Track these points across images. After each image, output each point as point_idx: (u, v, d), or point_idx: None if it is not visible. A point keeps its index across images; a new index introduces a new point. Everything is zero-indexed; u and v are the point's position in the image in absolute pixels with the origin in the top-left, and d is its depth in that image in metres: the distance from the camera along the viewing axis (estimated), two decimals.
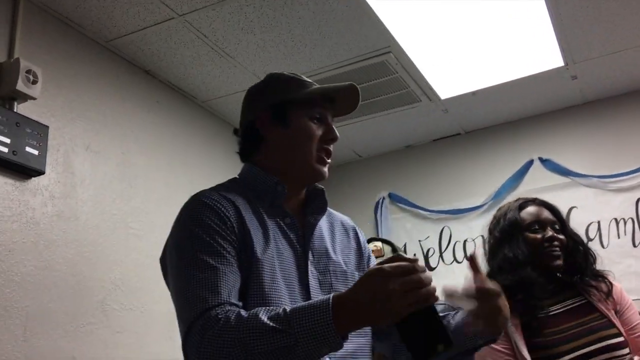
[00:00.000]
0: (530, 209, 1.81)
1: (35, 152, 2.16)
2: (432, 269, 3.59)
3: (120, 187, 2.58)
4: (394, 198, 3.83)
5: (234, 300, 1.07)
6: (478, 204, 3.57)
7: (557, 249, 1.72)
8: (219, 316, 1.02)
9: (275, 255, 1.17)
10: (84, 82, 2.52)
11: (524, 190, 3.42)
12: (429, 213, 3.69)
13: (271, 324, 0.96)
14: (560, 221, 1.80)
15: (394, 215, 3.81)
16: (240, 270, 1.12)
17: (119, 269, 2.48)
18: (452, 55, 2.90)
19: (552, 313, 1.67)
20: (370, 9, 2.48)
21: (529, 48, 2.87)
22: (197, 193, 1.24)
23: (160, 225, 2.73)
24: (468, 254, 1.64)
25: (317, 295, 1.18)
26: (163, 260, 1.24)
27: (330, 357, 1.11)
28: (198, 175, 3.06)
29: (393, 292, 0.91)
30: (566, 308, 1.68)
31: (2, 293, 2.01)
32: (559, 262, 1.71)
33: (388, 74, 2.96)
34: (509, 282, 1.66)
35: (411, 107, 3.32)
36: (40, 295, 2.14)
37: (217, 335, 1.00)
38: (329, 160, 1.28)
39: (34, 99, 2.21)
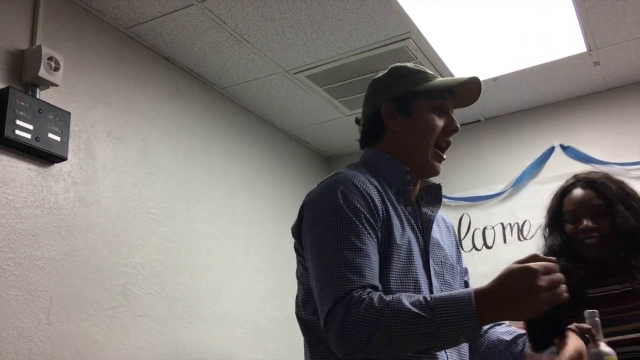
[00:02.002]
0: (573, 196, 1.75)
1: (58, 139, 2.19)
2: None
3: (141, 173, 2.61)
4: None
5: (376, 283, 1.11)
6: (498, 191, 3.54)
7: (593, 238, 1.67)
8: (363, 297, 1.06)
9: (408, 241, 1.22)
10: (105, 69, 2.54)
11: (545, 177, 3.38)
12: (448, 200, 3.67)
13: (415, 309, 1.02)
14: (608, 202, 1.70)
15: None
16: (379, 253, 1.16)
17: (139, 253, 2.51)
18: (473, 41, 2.86)
19: (589, 296, 1.63)
20: None
21: (551, 33, 2.82)
22: (344, 173, 1.25)
23: (180, 210, 2.76)
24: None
25: (436, 284, 1.25)
26: (297, 230, 1.26)
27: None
28: (217, 161, 3.08)
29: (541, 289, 0.98)
30: (606, 293, 1.64)
31: (26, 277, 2.06)
32: (594, 251, 1.67)
33: (408, 60, 2.93)
34: None
35: None
36: (63, 279, 2.18)
37: (361, 315, 1.04)
38: (445, 157, 1.34)
39: (56, 85, 2.24)
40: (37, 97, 2.18)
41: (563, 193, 1.78)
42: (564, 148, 3.46)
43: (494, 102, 3.49)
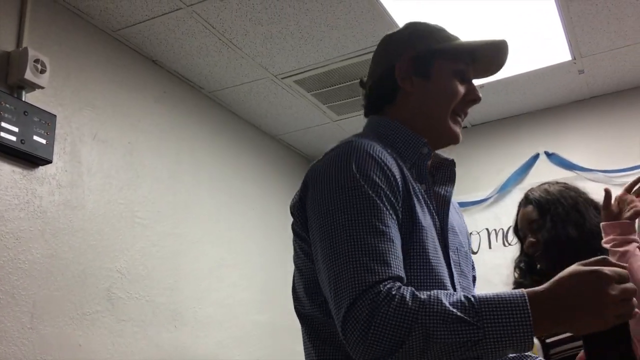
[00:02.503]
0: (520, 213, 1.80)
1: (43, 141, 2.17)
2: None
3: (127, 177, 2.59)
4: None
5: (402, 274, 0.92)
6: (483, 197, 3.57)
7: (538, 252, 1.70)
8: (392, 293, 0.87)
9: (431, 223, 1.05)
10: (92, 72, 2.53)
11: (529, 184, 3.41)
12: None
13: (457, 312, 0.84)
14: (543, 214, 1.71)
15: None
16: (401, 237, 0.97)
17: (124, 257, 2.50)
18: None
19: None
20: (378, 1, 2.48)
21: (536, 42, 2.86)
22: (357, 141, 1.03)
23: (166, 214, 2.75)
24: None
25: (455, 275, 1.07)
26: (299, 208, 1.04)
27: None
28: (204, 165, 3.08)
29: (613, 299, 0.82)
30: None
31: (9, 280, 2.04)
32: (544, 265, 1.70)
33: None
34: None
35: None
36: (46, 283, 2.16)
37: (391, 315, 0.85)
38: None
39: (42, 88, 2.22)
40: (23, 99, 2.17)
41: (517, 210, 1.82)
42: (548, 155, 3.50)
43: (481, 109, 3.52)
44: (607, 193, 1.60)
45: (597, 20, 2.70)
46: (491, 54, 1.18)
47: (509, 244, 3.42)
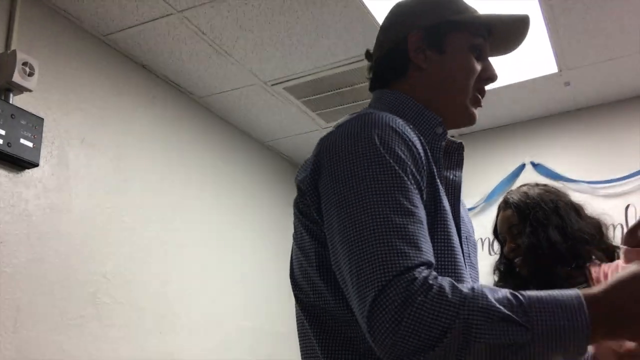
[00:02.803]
0: (499, 217, 1.78)
1: (30, 144, 2.16)
2: None
3: (115, 181, 2.58)
4: None
5: (433, 260, 0.81)
6: (470, 206, 3.59)
7: (518, 258, 1.68)
8: (429, 281, 0.76)
9: (449, 207, 0.95)
10: (81, 76, 2.52)
11: None
12: None
13: (505, 310, 0.74)
14: (523, 218, 1.68)
15: None
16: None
17: (111, 262, 2.48)
18: None
19: None
20: (368, 11, 2.50)
21: (523, 54, 2.90)
22: (375, 113, 0.92)
23: (153, 219, 2.74)
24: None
25: (468, 261, 0.98)
26: (310, 184, 0.91)
27: None
28: (193, 170, 3.07)
29: None
30: None
31: None
32: (524, 270, 1.67)
33: None
34: None
35: None
36: (31, 287, 2.14)
37: (430, 307, 0.74)
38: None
39: (30, 91, 2.21)
40: (10, 102, 2.16)
41: (496, 215, 1.80)
42: (534, 165, 3.53)
43: None
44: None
45: (584, 34, 2.74)
46: (510, 30, 1.10)
47: (495, 253, 3.45)
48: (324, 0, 2.43)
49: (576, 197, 1.92)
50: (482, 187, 3.59)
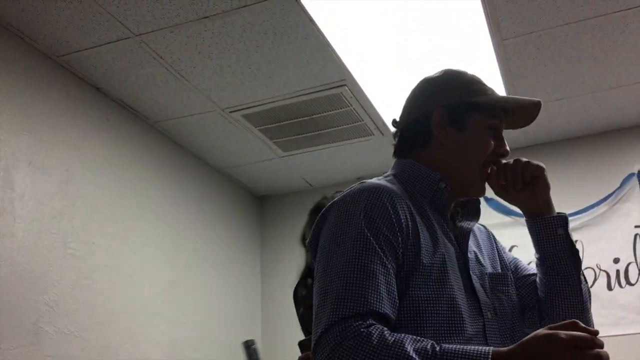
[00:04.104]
0: (308, 222, 1.76)
1: None
2: None
3: (61, 205, 2.50)
4: None
5: (383, 310, 0.99)
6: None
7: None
8: (361, 329, 0.95)
9: (445, 257, 1.10)
10: (31, 96, 2.45)
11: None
12: None
13: (416, 358, 0.90)
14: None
15: None
16: (402, 276, 1.05)
17: (54, 290, 2.38)
18: (407, 92, 2.96)
19: None
20: (328, 42, 2.53)
21: None
22: (370, 183, 1.13)
23: (101, 246, 2.65)
24: None
25: (484, 299, 1.13)
26: (314, 245, 1.14)
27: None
28: (145, 196, 3.00)
29: None
30: None
31: None
32: None
33: (342, 107, 3.00)
34: None
35: (364, 140, 3.38)
36: None
37: (353, 349, 0.93)
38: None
39: None
40: None
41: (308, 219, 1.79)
42: (487, 200, 3.59)
43: None
44: None
45: (534, 74, 2.84)
46: (524, 112, 1.28)
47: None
48: (284, 30, 2.45)
49: (526, 231, 1.96)
50: None
